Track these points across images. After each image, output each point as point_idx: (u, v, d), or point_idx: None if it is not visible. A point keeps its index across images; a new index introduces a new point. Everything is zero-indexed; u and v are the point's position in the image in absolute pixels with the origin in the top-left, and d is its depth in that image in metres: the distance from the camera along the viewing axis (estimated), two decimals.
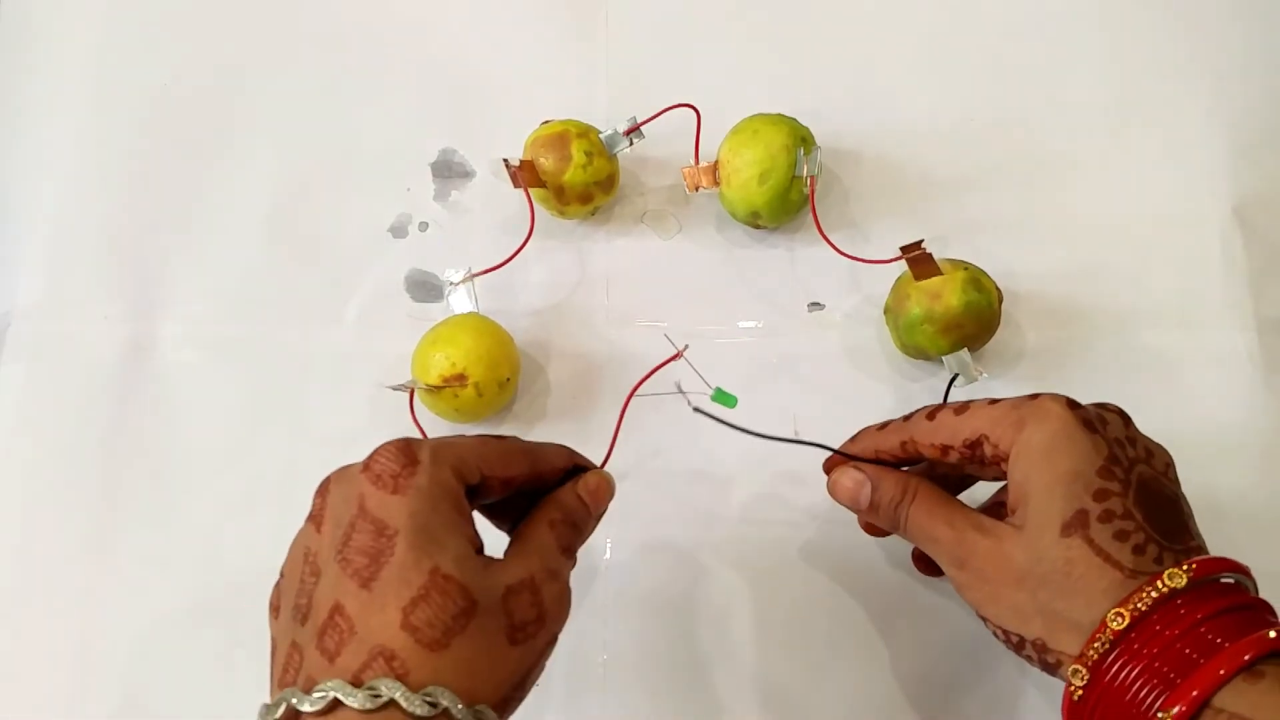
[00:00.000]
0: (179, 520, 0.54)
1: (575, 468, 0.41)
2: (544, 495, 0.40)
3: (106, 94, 0.63)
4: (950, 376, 0.52)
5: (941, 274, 0.51)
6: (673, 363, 0.46)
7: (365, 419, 0.56)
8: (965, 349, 0.52)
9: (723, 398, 0.46)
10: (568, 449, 0.41)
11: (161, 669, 0.52)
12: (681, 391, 0.45)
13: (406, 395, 0.53)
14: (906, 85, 0.61)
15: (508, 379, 0.53)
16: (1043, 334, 0.56)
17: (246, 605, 0.51)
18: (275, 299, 0.59)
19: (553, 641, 0.37)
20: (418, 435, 0.44)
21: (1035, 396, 0.40)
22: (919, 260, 0.51)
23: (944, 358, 0.52)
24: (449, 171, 0.61)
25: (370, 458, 0.35)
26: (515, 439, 0.40)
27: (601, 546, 0.53)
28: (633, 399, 0.45)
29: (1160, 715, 0.33)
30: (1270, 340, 0.55)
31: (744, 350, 0.56)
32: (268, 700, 0.33)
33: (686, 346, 0.47)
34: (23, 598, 0.53)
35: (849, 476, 0.44)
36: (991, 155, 0.60)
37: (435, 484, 0.34)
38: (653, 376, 0.46)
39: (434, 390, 0.51)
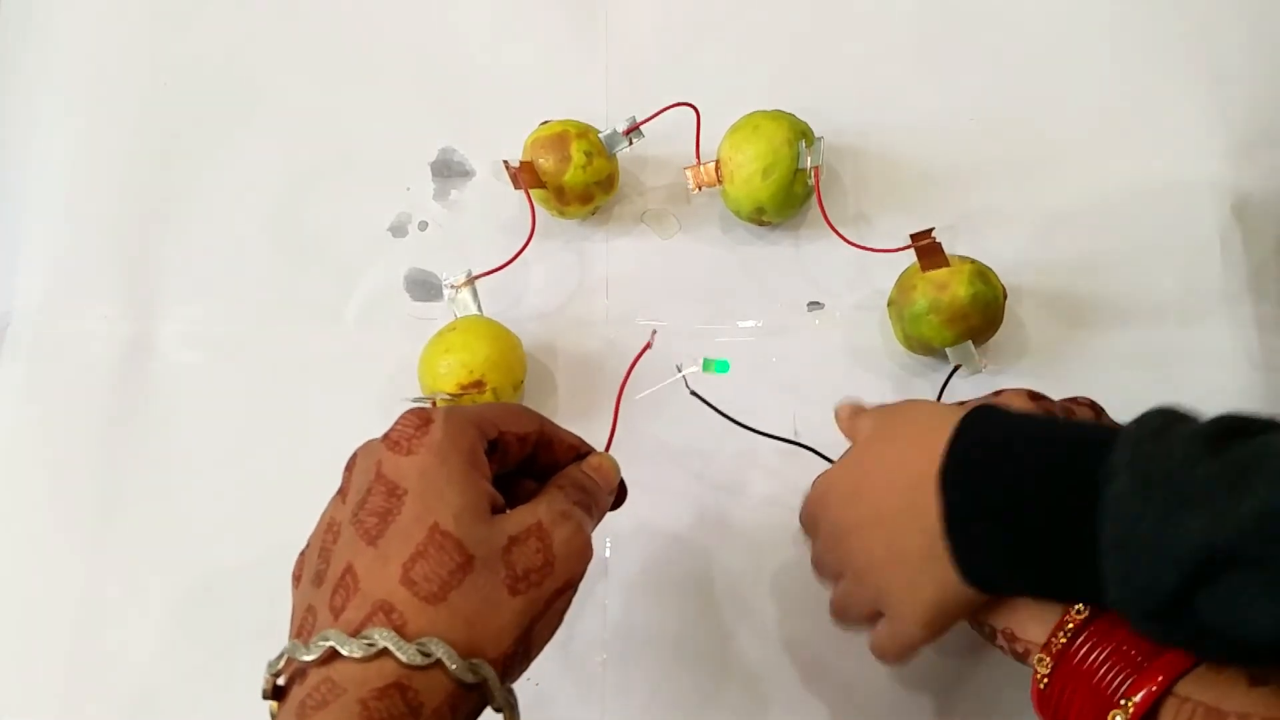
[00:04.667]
0: (178, 519, 0.54)
1: (581, 454, 0.42)
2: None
3: (106, 94, 0.63)
4: (951, 368, 0.52)
5: (949, 265, 0.51)
6: (673, 347, 0.46)
7: (365, 418, 0.55)
8: (970, 341, 0.52)
9: (711, 366, 0.46)
10: (576, 434, 0.42)
11: (160, 667, 0.52)
12: (682, 375, 0.45)
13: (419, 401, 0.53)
14: (907, 82, 0.61)
15: (520, 381, 0.53)
16: (1044, 330, 0.56)
17: (245, 603, 0.51)
18: (275, 299, 0.59)
19: (564, 590, 0.35)
20: None
21: (999, 392, 0.40)
22: (928, 249, 0.51)
23: (948, 349, 0.52)
24: (449, 171, 0.61)
25: (391, 427, 0.36)
26: (524, 405, 0.40)
27: (601, 545, 0.53)
28: (637, 395, 0.45)
29: (1124, 702, 0.33)
30: (1270, 339, 0.55)
31: (745, 349, 0.56)
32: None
33: (655, 331, 0.47)
34: (22, 596, 0.53)
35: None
36: (992, 153, 0.60)
37: (447, 438, 0.35)
38: (656, 366, 0.46)
39: (454, 399, 0.51)
